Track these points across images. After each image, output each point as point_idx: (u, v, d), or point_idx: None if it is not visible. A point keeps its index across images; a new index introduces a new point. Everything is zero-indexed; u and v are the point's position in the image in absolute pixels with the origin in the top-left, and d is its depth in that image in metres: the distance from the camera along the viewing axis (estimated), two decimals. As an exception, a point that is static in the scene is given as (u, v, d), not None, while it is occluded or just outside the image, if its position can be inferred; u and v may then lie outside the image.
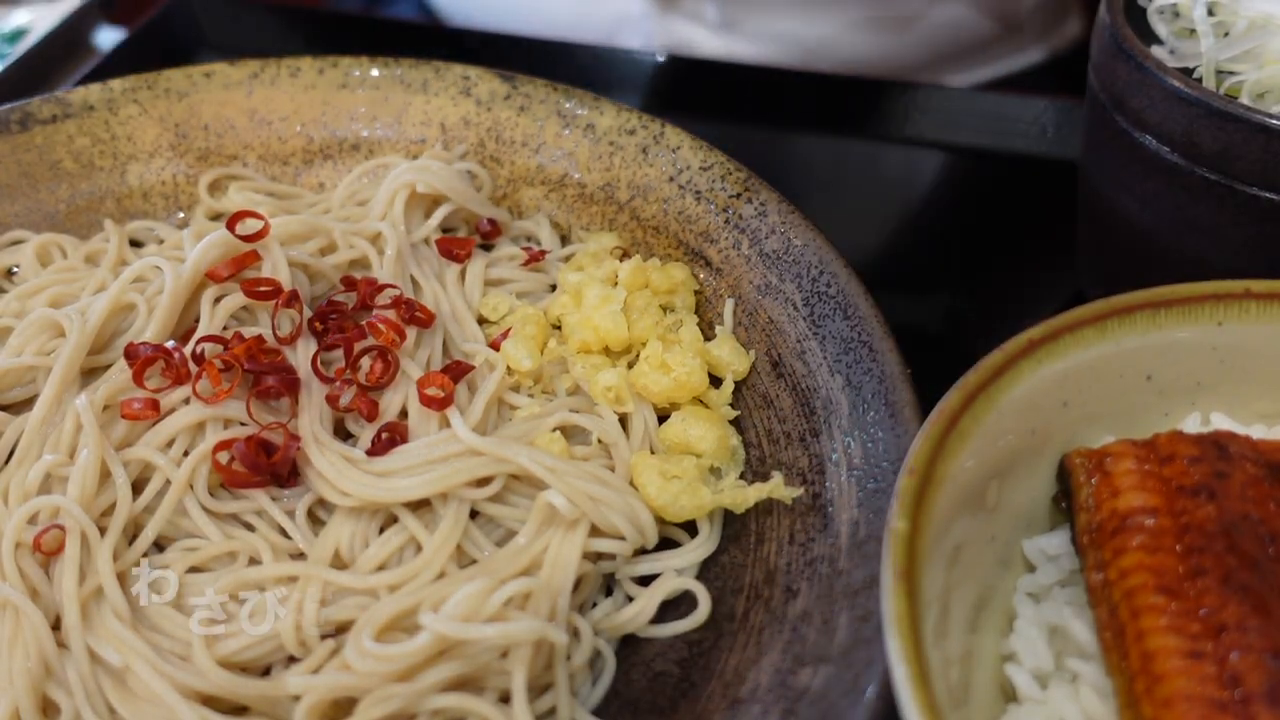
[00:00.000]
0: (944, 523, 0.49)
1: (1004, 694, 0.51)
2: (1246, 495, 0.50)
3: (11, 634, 0.55)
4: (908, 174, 1.00)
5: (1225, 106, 0.60)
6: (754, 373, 0.69)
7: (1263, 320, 0.56)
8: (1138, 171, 0.67)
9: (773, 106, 1.04)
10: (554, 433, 0.64)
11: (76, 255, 0.75)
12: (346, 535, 0.58)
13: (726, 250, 0.72)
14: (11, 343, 0.66)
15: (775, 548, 0.60)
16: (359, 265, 0.74)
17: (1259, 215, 0.63)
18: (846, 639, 0.52)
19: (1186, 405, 0.58)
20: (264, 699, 0.54)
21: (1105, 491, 0.52)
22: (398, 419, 0.64)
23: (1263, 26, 0.64)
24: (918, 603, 0.44)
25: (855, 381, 0.62)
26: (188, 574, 0.58)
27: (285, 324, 0.66)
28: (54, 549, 0.56)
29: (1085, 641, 0.50)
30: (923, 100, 1.04)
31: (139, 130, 0.81)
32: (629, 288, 0.70)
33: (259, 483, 0.59)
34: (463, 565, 0.59)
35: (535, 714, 0.54)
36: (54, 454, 0.59)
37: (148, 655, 0.54)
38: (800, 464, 0.63)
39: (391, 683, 0.52)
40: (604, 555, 0.61)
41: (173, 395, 0.62)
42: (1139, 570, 0.48)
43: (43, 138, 0.79)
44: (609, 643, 0.59)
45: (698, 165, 0.75)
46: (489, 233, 0.78)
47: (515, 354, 0.67)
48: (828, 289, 0.66)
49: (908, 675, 0.41)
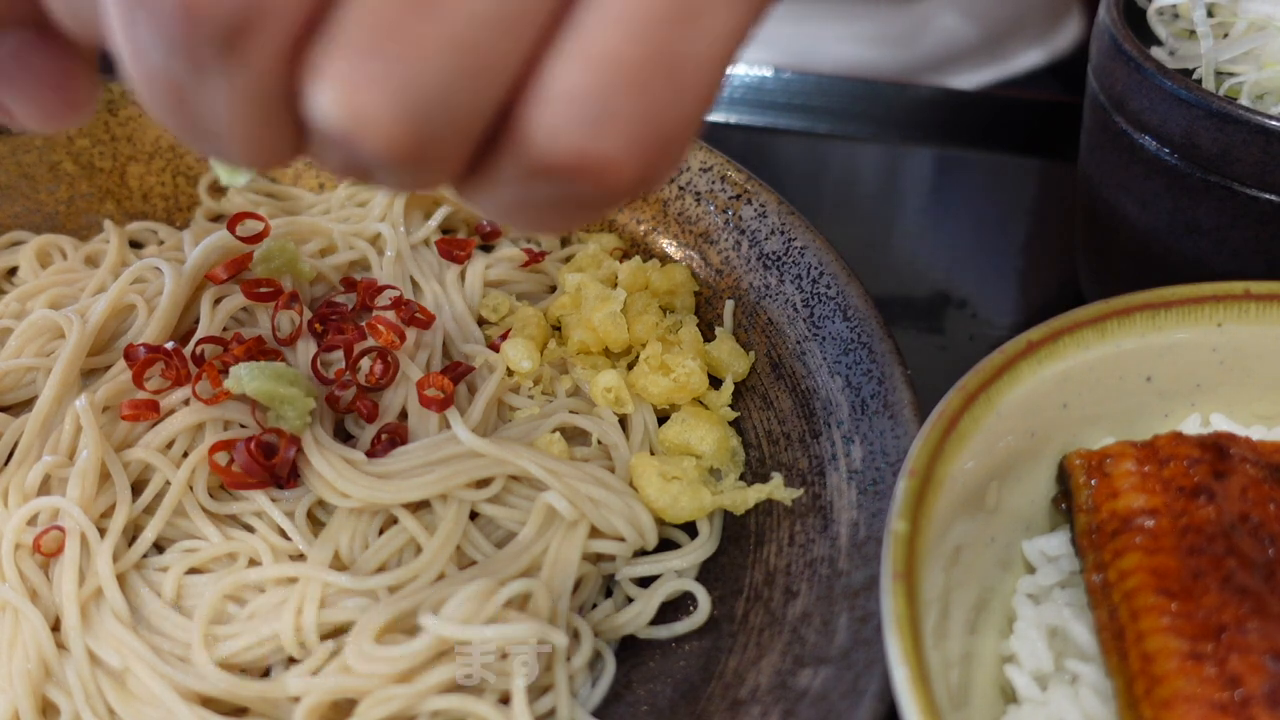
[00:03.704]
0: (944, 524, 0.49)
1: (1004, 695, 0.51)
2: (1246, 497, 0.50)
3: (11, 635, 0.55)
4: (907, 175, 1.00)
5: (1225, 108, 0.60)
6: (754, 374, 0.69)
7: (1262, 321, 0.56)
8: (1137, 173, 0.67)
9: (772, 107, 1.04)
10: (554, 434, 0.64)
11: (76, 256, 0.75)
12: (346, 537, 0.58)
13: (726, 251, 0.72)
14: (11, 344, 0.65)
15: (775, 549, 0.60)
16: (359, 266, 0.74)
17: (1259, 217, 0.63)
18: (846, 640, 0.52)
19: (1186, 406, 0.58)
20: (263, 700, 0.54)
21: (1105, 493, 0.52)
22: (397, 420, 0.64)
23: (1262, 28, 0.64)
24: (917, 604, 0.44)
25: (855, 383, 0.62)
26: (187, 575, 0.58)
27: (285, 325, 0.66)
28: (53, 550, 0.56)
29: (1085, 643, 0.50)
30: (923, 100, 1.04)
31: (139, 131, 0.81)
32: (629, 289, 0.70)
33: (258, 484, 0.59)
34: (462, 567, 0.59)
35: (535, 715, 0.54)
36: (54, 455, 0.59)
37: (147, 657, 0.54)
38: (800, 465, 0.63)
39: (391, 684, 0.52)
40: (604, 556, 0.61)
41: (172, 396, 0.62)
42: (1139, 571, 0.48)
43: (42, 139, 0.79)
44: (609, 644, 0.59)
45: (697, 166, 0.75)
46: (489, 234, 0.78)
47: (515, 355, 0.67)
48: (827, 290, 0.66)
49: (908, 676, 0.41)
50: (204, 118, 0.32)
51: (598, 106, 0.30)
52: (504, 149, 0.32)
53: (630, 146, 0.31)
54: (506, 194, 0.34)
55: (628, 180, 0.32)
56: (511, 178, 0.33)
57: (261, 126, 0.32)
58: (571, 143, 0.31)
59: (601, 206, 0.34)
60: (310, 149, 0.34)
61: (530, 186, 0.33)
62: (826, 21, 1.12)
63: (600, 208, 0.35)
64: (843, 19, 1.12)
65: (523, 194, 0.34)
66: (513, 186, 0.33)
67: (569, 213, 0.35)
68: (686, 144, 0.33)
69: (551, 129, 0.31)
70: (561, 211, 0.35)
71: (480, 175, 0.34)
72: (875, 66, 1.12)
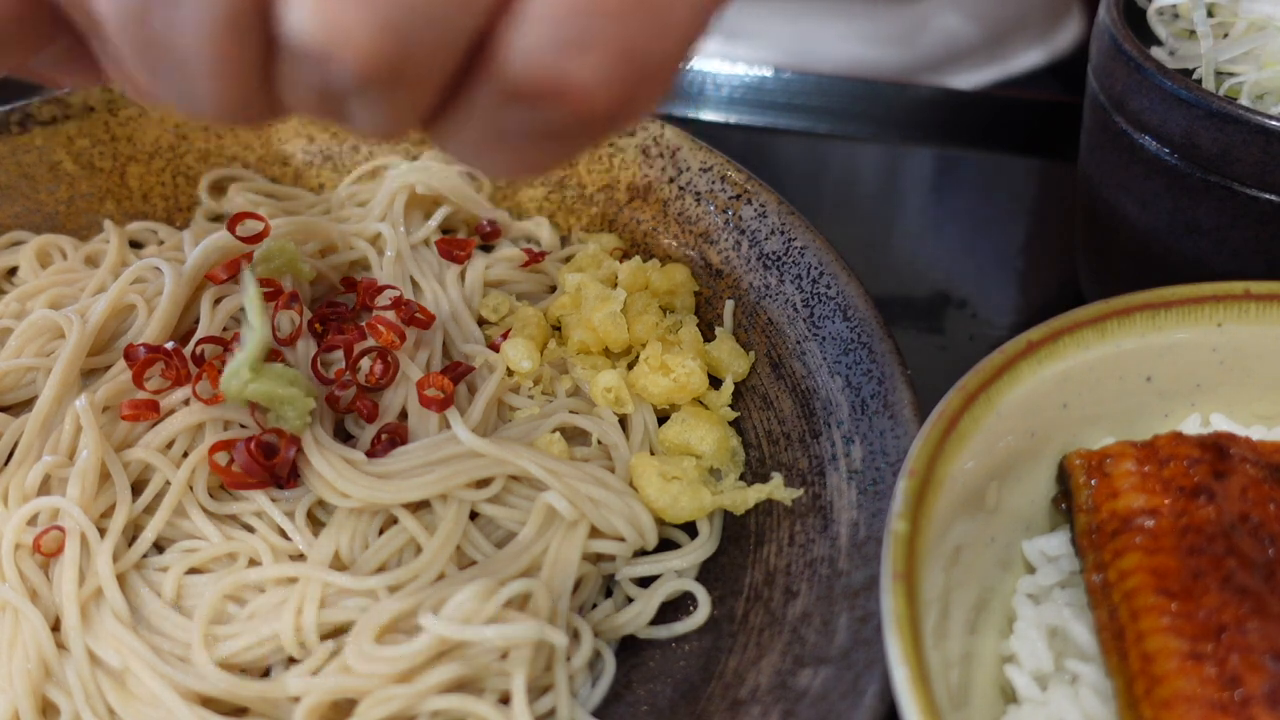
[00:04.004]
0: (944, 524, 0.49)
1: (1004, 695, 0.51)
2: (1246, 497, 0.50)
3: (11, 635, 0.55)
4: (907, 175, 1.00)
5: (1225, 108, 0.60)
6: (754, 374, 0.69)
7: (1262, 321, 0.56)
8: (1137, 173, 0.67)
9: (772, 107, 1.04)
10: (554, 434, 0.64)
11: (76, 256, 0.75)
12: (346, 537, 0.58)
13: (726, 251, 0.72)
14: (11, 344, 0.65)
15: (775, 549, 0.60)
16: (359, 266, 0.74)
17: (1259, 217, 0.63)
18: (846, 640, 0.52)
19: (1186, 406, 0.58)
20: (263, 700, 0.54)
21: (1105, 493, 0.52)
22: (397, 420, 0.64)
23: (1262, 28, 0.64)
24: (917, 604, 0.44)
25: (855, 383, 0.62)
26: (187, 575, 0.58)
27: (285, 325, 0.66)
28: (54, 550, 0.56)
29: (1085, 643, 0.50)
30: (923, 100, 1.04)
31: (139, 131, 0.81)
32: (629, 289, 0.70)
33: (258, 484, 0.59)
34: (462, 566, 0.59)
35: (535, 715, 0.54)
36: (54, 455, 0.59)
37: (147, 657, 0.54)
38: (800, 465, 0.63)
39: (391, 684, 0.52)
40: (604, 556, 0.61)
41: (173, 396, 0.62)
42: (1139, 571, 0.48)
43: (43, 139, 0.79)
44: (609, 644, 0.59)
45: (697, 167, 0.75)
46: (489, 234, 0.78)
47: (515, 355, 0.67)
48: (827, 290, 0.66)
49: (908, 676, 0.41)
50: (171, 43, 0.32)
51: (574, 29, 0.30)
52: (479, 74, 0.32)
53: (605, 73, 0.31)
54: (478, 128, 0.34)
55: (601, 108, 0.32)
56: (485, 108, 0.33)
57: (230, 48, 0.32)
58: (546, 64, 0.31)
59: (577, 139, 0.34)
60: (282, 77, 0.33)
61: (504, 115, 0.33)
62: (826, 21, 1.12)
63: (575, 140, 0.34)
64: (843, 19, 1.12)
65: (495, 127, 0.33)
66: (485, 119, 0.33)
67: (544, 146, 0.35)
68: (666, 81, 0.33)
69: (526, 50, 0.31)
70: (536, 145, 0.34)
71: (454, 107, 0.34)
72: (875, 66, 1.13)
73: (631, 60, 0.31)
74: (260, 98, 0.34)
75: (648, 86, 0.32)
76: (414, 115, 0.34)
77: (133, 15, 0.32)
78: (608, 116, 0.32)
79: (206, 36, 0.31)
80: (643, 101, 0.33)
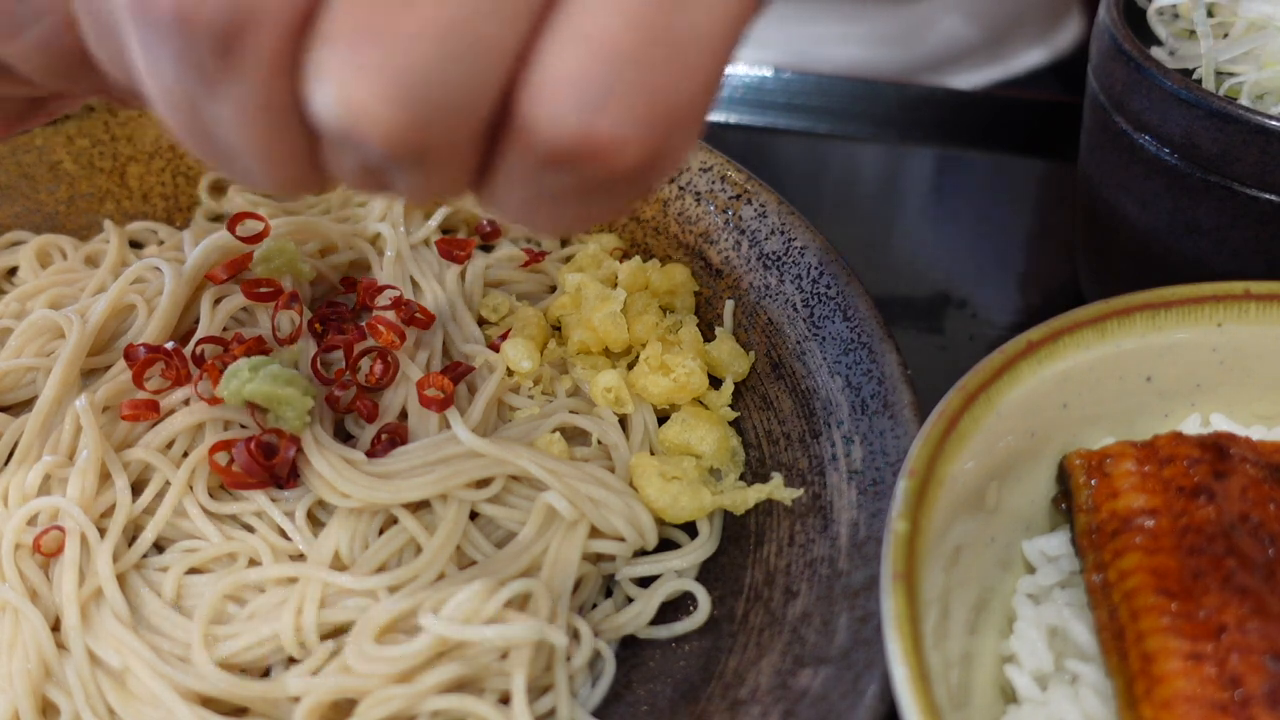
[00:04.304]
0: (944, 524, 0.49)
1: (1004, 695, 0.51)
2: (1246, 497, 0.50)
3: (11, 636, 0.55)
4: (907, 175, 1.00)
5: (1224, 108, 0.60)
6: (754, 374, 0.69)
7: (1262, 321, 0.56)
8: (1137, 173, 0.67)
9: (772, 107, 1.04)
10: (554, 434, 0.64)
11: (76, 256, 0.75)
12: (346, 537, 0.58)
13: (726, 251, 0.72)
14: (11, 344, 0.66)
15: (775, 549, 0.60)
16: (359, 266, 0.74)
17: (1259, 217, 0.63)
18: (846, 640, 0.52)
19: (1186, 406, 0.58)
20: (263, 700, 0.54)
21: (1105, 493, 0.52)
22: (397, 420, 0.64)
23: (1262, 28, 0.64)
24: (917, 604, 0.44)
25: (855, 383, 0.62)
26: (187, 575, 0.58)
27: (285, 325, 0.66)
28: (54, 550, 0.56)
29: (1085, 643, 0.50)
30: (923, 100, 1.04)
31: (139, 131, 0.81)
32: (629, 289, 0.70)
33: (258, 484, 0.59)
34: (462, 567, 0.59)
35: (535, 715, 0.54)
36: (54, 455, 0.59)
37: (147, 657, 0.54)
38: (800, 465, 0.63)
39: (391, 684, 0.52)
40: (604, 556, 0.61)
41: (173, 396, 0.62)
42: (1139, 572, 0.48)
43: (42, 139, 0.79)
44: (609, 644, 0.59)
45: (697, 166, 0.75)
46: (489, 234, 0.78)
47: (515, 355, 0.67)
48: (827, 290, 0.66)
49: (908, 676, 0.41)
50: (220, 135, 0.33)
51: (597, 86, 0.30)
52: (510, 142, 0.32)
53: (634, 124, 0.30)
54: (521, 191, 0.34)
55: (635, 160, 0.31)
56: (522, 172, 0.33)
57: (272, 137, 0.33)
58: (574, 125, 0.30)
59: (618, 194, 0.34)
60: (325, 160, 0.34)
61: (542, 179, 0.33)
62: (826, 21, 1.12)
63: (617, 196, 0.34)
64: (843, 19, 1.12)
65: (537, 188, 0.33)
66: (526, 181, 0.33)
67: (587, 204, 0.34)
68: (697, 122, 0.32)
69: (553, 114, 0.30)
70: (580, 203, 0.34)
71: (493, 174, 0.34)
72: (875, 66, 1.13)
73: (656, 104, 0.31)
74: (311, 173, 0.34)
75: (679, 128, 0.32)
76: (455, 183, 0.34)
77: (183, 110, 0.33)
78: (645, 165, 0.32)
79: (248, 130, 0.32)
80: (679, 143, 0.32)
